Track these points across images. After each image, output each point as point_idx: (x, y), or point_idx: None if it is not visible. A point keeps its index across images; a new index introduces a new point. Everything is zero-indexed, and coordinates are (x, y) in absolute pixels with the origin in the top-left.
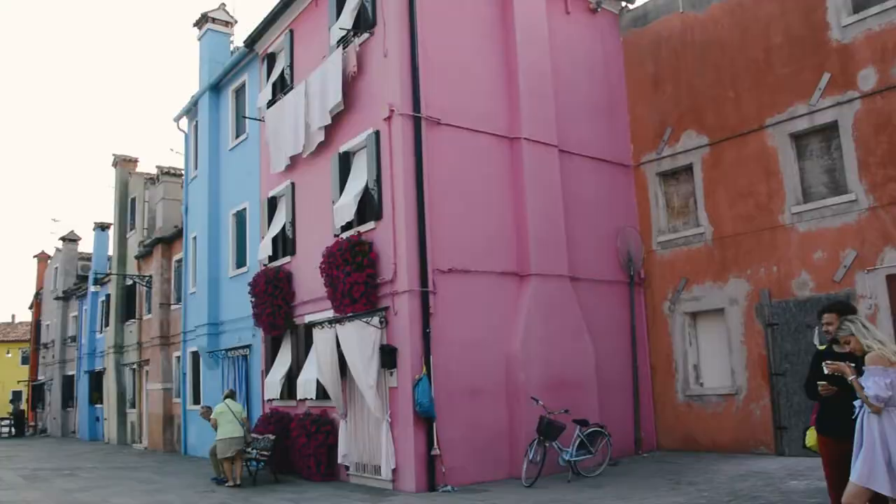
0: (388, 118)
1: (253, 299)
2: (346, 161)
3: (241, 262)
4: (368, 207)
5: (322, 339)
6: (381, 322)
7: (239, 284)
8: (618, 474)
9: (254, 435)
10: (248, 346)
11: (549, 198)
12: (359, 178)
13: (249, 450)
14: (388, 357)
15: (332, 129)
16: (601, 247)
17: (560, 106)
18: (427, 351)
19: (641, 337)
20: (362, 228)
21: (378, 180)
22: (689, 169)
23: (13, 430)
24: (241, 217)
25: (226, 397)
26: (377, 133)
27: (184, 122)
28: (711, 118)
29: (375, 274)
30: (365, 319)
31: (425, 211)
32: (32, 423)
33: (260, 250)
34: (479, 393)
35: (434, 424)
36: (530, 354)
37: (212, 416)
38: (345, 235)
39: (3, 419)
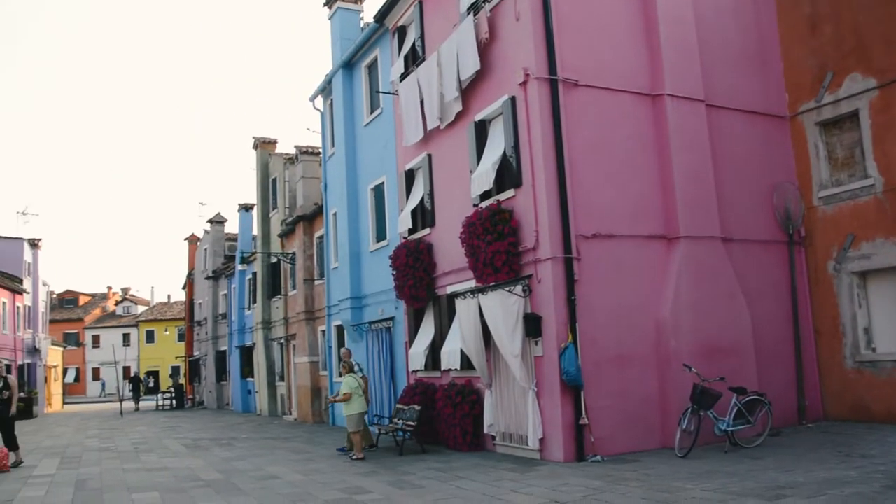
0: (524, 83)
1: (394, 272)
2: (482, 129)
3: (381, 235)
4: (507, 175)
5: (465, 310)
6: (524, 290)
7: (380, 258)
8: (780, 445)
9: (399, 406)
10: (391, 319)
11: (696, 156)
12: (496, 145)
13: (395, 420)
14: (532, 326)
15: (466, 98)
16: (756, 205)
17: (705, 57)
18: (572, 319)
19: (803, 299)
20: (502, 196)
21: (516, 147)
22: (854, 116)
23: (174, 402)
24: (379, 191)
25: (350, 370)
26: (513, 99)
27: (319, 100)
28: (880, 58)
29: (517, 242)
30: (508, 288)
31: (566, 176)
32: (191, 397)
33: (399, 223)
34: (627, 361)
35: (581, 393)
36: (681, 320)
37: (345, 391)
38: (484, 204)
39: (165, 392)
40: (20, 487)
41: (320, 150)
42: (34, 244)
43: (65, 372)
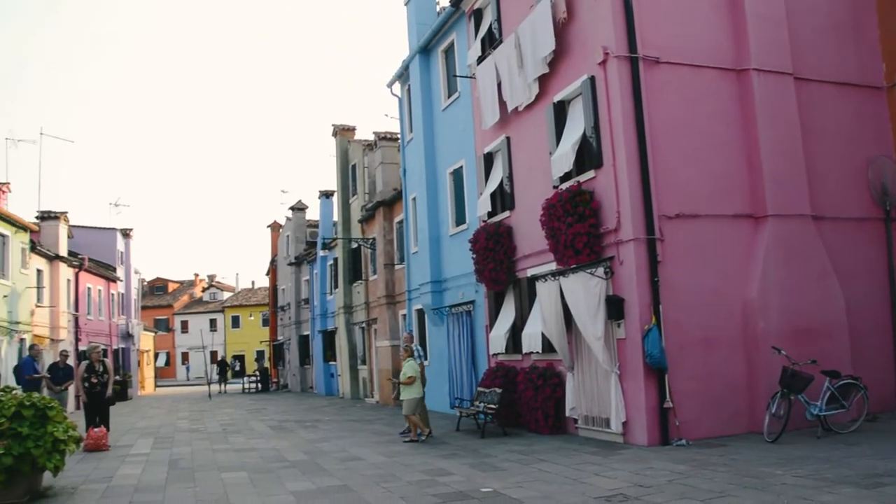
0: (603, 62)
1: (474, 255)
2: (561, 110)
3: (460, 219)
4: (587, 156)
5: (546, 292)
6: (606, 272)
7: (459, 242)
8: (877, 431)
9: (480, 389)
10: (472, 302)
11: (785, 131)
12: (575, 126)
13: (477, 403)
14: (614, 308)
15: (545, 80)
16: (849, 181)
17: (794, 28)
18: (656, 300)
19: None
20: (582, 178)
21: (596, 127)
22: None
23: (259, 385)
24: (458, 175)
25: (410, 355)
26: (592, 79)
27: (396, 86)
28: None
29: (598, 223)
30: (589, 270)
31: (648, 155)
32: (275, 380)
33: (479, 207)
34: (713, 343)
35: (665, 376)
36: (769, 301)
37: (410, 375)
38: (564, 186)
39: (250, 376)
40: (119, 465)
41: (399, 136)
42: (126, 234)
43: (156, 356)
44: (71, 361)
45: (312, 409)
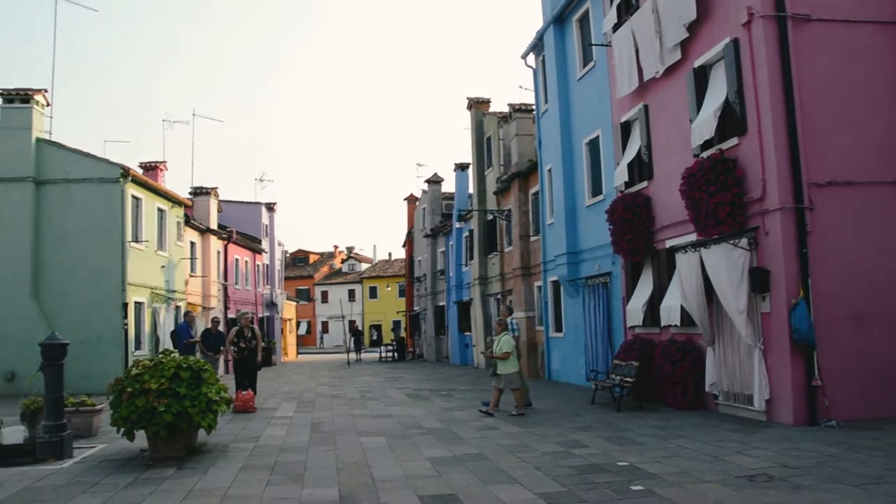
0: (748, 23)
1: (611, 227)
2: (702, 76)
3: (596, 190)
4: (730, 122)
5: (685, 264)
6: (749, 243)
7: (596, 213)
8: None
9: (616, 361)
10: (608, 274)
11: None
12: (717, 92)
13: (612, 376)
14: (759, 280)
15: (684, 45)
16: None
17: None
18: (804, 273)
19: None
20: (724, 146)
21: (739, 92)
22: None
23: (395, 354)
24: (594, 145)
25: (504, 328)
26: (735, 41)
27: (531, 58)
28: None
29: (742, 192)
30: (732, 241)
31: (796, 120)
32: (411, 349)
33: (616, 177)
34: (867, 319)
35: (814, 353)
36: None
37: (506, 350)
38: (705, 154)
39: (387, 345)
40: (265, 427)
41: (533, 108)
42: (270, 208)
43: (298, 325)
44: (221, 328)
45: (447, 378)
